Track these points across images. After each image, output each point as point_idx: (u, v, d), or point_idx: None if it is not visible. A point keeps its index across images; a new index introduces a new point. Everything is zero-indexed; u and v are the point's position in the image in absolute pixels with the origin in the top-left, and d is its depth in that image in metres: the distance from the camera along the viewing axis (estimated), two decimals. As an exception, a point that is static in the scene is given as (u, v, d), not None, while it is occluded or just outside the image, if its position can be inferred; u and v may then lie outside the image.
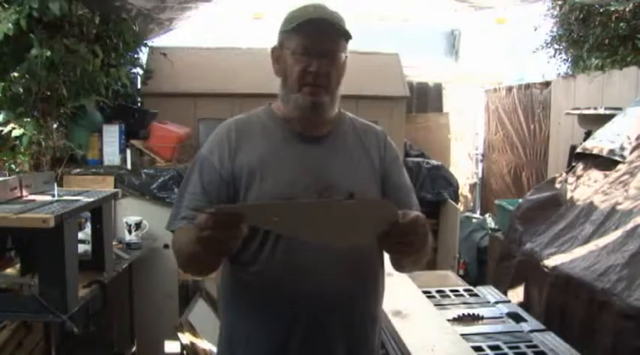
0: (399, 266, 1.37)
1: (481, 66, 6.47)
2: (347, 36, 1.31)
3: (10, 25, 2.38)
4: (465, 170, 6.43)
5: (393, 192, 1.39)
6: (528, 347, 1.91)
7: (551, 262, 2.50)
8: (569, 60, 4.59)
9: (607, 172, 2.82)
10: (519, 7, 4.80)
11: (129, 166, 3.14)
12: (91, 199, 2.26)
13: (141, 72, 3.89)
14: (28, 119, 2.67)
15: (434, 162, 4.51)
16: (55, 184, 2.39)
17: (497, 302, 2.37)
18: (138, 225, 2.88)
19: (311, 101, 1.30)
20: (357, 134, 1.42)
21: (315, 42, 1.28)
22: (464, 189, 6.18)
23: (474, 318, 2.17)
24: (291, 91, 1.32)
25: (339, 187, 1.30)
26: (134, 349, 3.09)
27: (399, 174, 1.43)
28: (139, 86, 3.96)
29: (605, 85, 3.96)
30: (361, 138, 1.42)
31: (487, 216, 5.14)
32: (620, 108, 3.24)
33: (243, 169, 1.30)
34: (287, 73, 1.32)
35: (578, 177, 3.02)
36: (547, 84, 4.96)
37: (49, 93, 2.77)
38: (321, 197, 1.27)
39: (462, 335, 1.97)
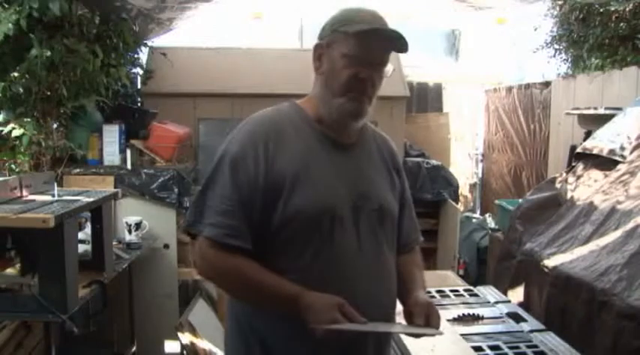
0: None
1: (481, 66, 6.48)
2: (404, 51, 1.28)
3: (10, 25, 2.38)
4: (465, 170, 6.43)
5: (405, 208, 1.45)
6: (528, 347, 1.91)
7: (551, 262, 2.50)
8: (569, 60, 4.59)
9: (607, 172, 2.82)
10: (519, 7, 4.80)
11: (129, 166, 3.14)
12: (91, 199, 2.25)
13: (141, 72, 3.89)
14: (28, 119, 2.67)
15: (434, 162, 4.51)
16: (55, 184, 2.39)
17: (497, 302, 2.37)
18: (138, 225, 2.88)
19: (356, 107, 1.27)
20: (377, 145, 1.43)
21: (372, 51, 1.25)
22: (464, 189, 6.19)
23: (474, 318, 2.17)
24: (334, 95, 1.28)
25: (371, 197, 1.31)
26: (134, 349, 3.09)
27: (406, 188, 1.48)
28: (139, 86, 3.96)
29: (605, 85, 3.96)
30: (381, 150, 1.43)
31: (487, 216, 5.14)
32: (620, 108, 3.23)
33: (283, 175, 1.23)
34: (333, 74, 1.28)
35: (578, 177, 3.02)
36: (547, 84, 4.96)
37: (49, 93, 2.76)
38: (354, 207, 1.29)
39: (461, 335, 1.97)
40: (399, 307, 1.36)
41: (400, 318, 1.32)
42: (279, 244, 1.24)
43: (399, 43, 1.27)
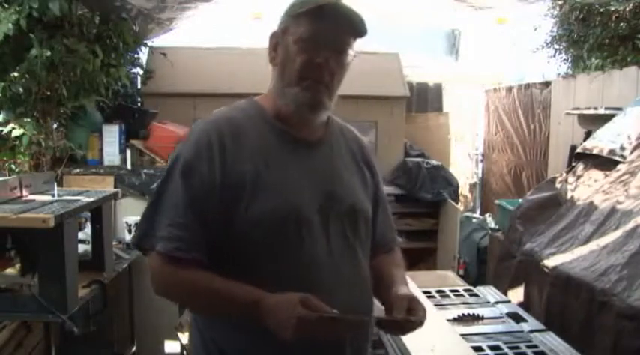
0: None
1: (481, 66, 6.47)
2: (363, 34, 1.18)
3: (10, 25, 2.38)
4: (465, 170, 6.43)
5: (379, 206, 1.36)
6: (528, 347, 1.91)
7: (551, 262, 2.49)
8: (569, 60, 4.59)
9: (607, 172, 2.82)
10: (519, 7, 4.80)
11: (129, 166, 3.14)
12: (91, 199, 2.26)
13: (141, 72, 3.89)
14: (28, 119, 2.67)
15: (434, 162, 4.51)
16: (55, 184, 2.40)
17: (497, 302, 2.37)
18: (138, 225, 2.88)
19: (310, 97, 1.16)
20: (346, 141, 1.32)
21: (327, 32, 1.14)
22: (464, 189, 6.18)
23: (474, 318, 2.17)
24: (287, 85, 1.17)
25: (340, 198, 1.22)
26: (134, 349, 3.09)
27: (380, 184, 1.39)
28: (139, 86, 3.96)
29: (605, 85, 3.96)
30: (351, 146, 1.33)
31: (487, 216, 5.14)
32: (620, 108, 3.23)
33: (242, 175, 1.14)
34: (286, 62, 1.17)
35: (578, 177, 3.01)
36: (547, 84, 4.96)
37: (49, 93, 2.77)
38: (322, 209, 1.19)
39: (462, 335, 1.97)
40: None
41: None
42: (242, 251, 1.15)
43: (355, 24, 1.17)
